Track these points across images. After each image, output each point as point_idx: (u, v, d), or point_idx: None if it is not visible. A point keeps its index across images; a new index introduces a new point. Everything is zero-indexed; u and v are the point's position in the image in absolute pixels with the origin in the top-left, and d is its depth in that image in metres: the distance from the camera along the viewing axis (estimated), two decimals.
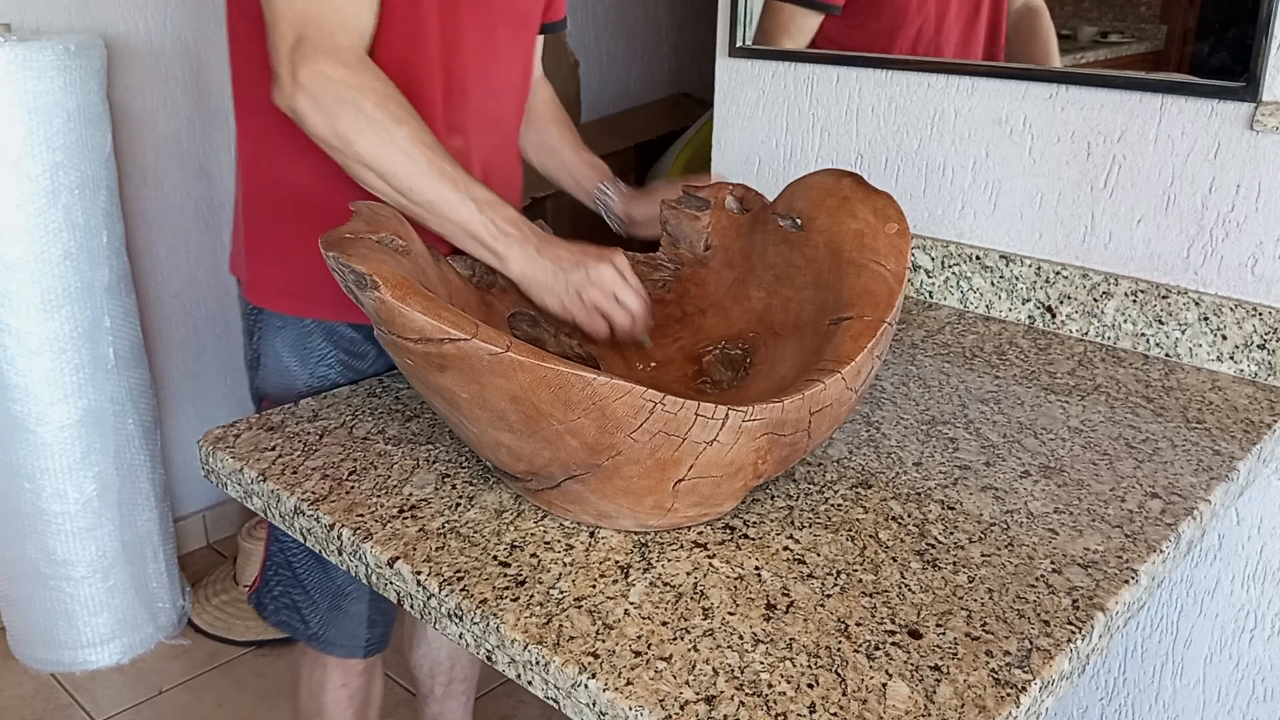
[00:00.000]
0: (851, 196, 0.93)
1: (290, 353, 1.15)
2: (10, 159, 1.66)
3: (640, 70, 3.10)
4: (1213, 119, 1.10)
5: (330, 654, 1.26)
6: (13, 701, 1.90)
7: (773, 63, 1.44)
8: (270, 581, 1.23)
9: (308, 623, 1.22)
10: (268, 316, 1.15)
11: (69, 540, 1.87)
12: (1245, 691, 1.19)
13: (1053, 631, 0.70)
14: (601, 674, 0.65)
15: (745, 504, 0.85)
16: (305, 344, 1.14)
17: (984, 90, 1.26)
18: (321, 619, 1.22)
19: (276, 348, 1.15)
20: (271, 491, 0.89)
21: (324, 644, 1.24)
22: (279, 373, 1.15)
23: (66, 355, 1.78)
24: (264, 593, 1.24)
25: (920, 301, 1.36)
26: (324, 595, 1.21)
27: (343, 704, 1.30)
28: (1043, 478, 0.90)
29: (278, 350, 1.15)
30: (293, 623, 1.23)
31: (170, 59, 2.10)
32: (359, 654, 1.26)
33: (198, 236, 2.23)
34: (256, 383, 1.19)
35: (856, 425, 1.00)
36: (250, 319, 1.17)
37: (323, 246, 0.77)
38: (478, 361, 0.71)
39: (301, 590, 1.21)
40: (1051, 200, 1.24)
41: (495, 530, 0.81)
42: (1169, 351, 1.17)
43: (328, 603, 1.21)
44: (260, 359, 1.16)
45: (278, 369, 1.15)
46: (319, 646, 1.25)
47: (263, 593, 1.24)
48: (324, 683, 1.29)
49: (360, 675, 1.30)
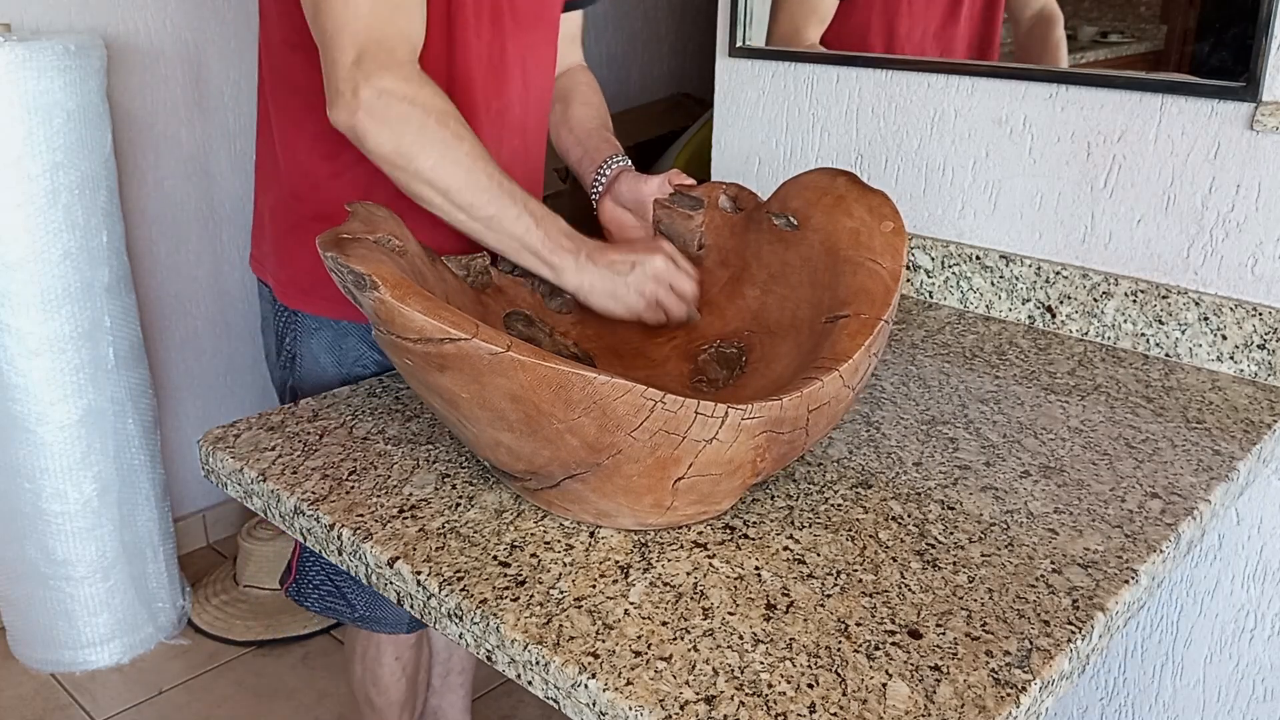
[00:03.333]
0: (847, 195, 0.93)
1: (326, 353, 1.16)
2: (10, 159, 1.66)
3: (640, 70, 3.10)
4: (1213, 119, 1.10)
5: (380, 631, 1.30)
6: (13, 701, 1.90)
7: (773, 63, 1.44)
8: (308, 571, 1.26)
9: (353, 606, 1.25)
10: (303, 318, 1.16)
11: (69, 540, 1.87)
12: (1245, 691, 1.19)
13: (1053, 631, 0.70)
14: (601, 674, 0.65)
15: (745, 504, 0.85)
16: (341, 344, 1.16)
17: (984, 90, 1.26)
18: (367, 600, 1.25)
19: (313, 348, 1.16)
20: (271, 491, 0.89)
21: (372, 623, 1.28)
22: (315, 373, 1.17)
23: (66, 355, 1.78)
24: (303, 583, 1.27)
25: (920, 301, 1.36)
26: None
27: (397, 675, 1.37)
28: (1043, 478, 0.90)
29: (314, 351, 1.16)
30: (338, 608, 1.26)
31: (170, 59, 2.10)
32: (403, 629, 1.30)
33: (198, 236, 2.23)
34: (291, 382, 1.20)
35: (856, 425, 1.00)
36: (282, 319, 1.18)
37: (320, 247, 0.77)
38: (478, 361, 0.71)
39: (345, 575, 1.23)
40: (1051, 200, 1.24)
41: (495, 530, 0.81)
42: (1169, 351, 1.17)
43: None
44: (296, 359, 1.18)
45: (314, 369, 1.17)
46: (367, 626, 1.29)
47: (302, 583, 1.27)
48: (379, 657, 1.35)
49: (411, 647, 1.37)
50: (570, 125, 1.24)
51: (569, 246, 0.99)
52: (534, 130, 1.19)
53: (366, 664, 1.38)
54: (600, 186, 1.16)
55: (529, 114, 1.17)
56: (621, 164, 1.16)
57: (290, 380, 1.20)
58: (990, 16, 1.26)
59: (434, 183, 0.95)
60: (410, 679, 1.41)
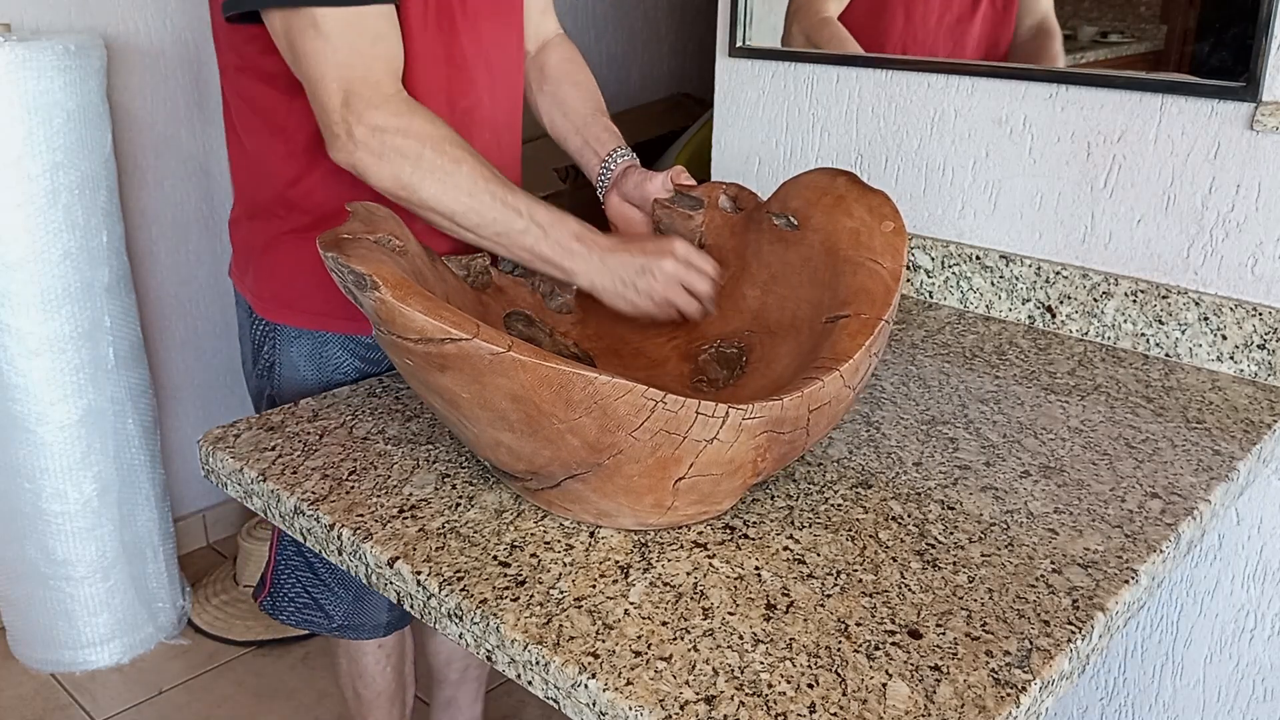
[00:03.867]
0: (847, 195, 0.93)
1: (306, 363, 1.16)
2: (10, 159, 1.66)
3: (640, 70, 3.10)
4: (1213, 119, 1.10)
5: (357, 639, 1.32)
6: (13, 701, 1.90)
7: (773, 63, 1.44)
8: (283, 584, 1.25)
9: (331, 616, 1.26)
10: (281, 329, 1.16)
11: (69, 540, 1.87)
12: (1245, 691, 1.19)
13: (1053, 631, 0.70)
14: (601, 674, 0.65)
15: (745, 504, 0.85)
16: (321, 354, 1.16)
17: (984, 90, 1.26)
18: (345, 610, 1.26)
19: (292, 358, 1.16)
20: (271, 491, 0.89)
21: (348, 632, 1.29)
22: (295, 382, 1.17)
23: (66, 355, 1.78)
24: (278, 595, 1.26)
25: (920, 301, 1.36)
26: (346, 587, 1.24)
27: (382, 664, 1.39)
28: (1043, 478, 0.90)
29: (294, 360, 1.16)
30: (315, 619, 1.27)
31: (170, 59, 2.10)
32: (380, 634, 1.31)
33: (198, 236, 2.23)
34: (270, 391, 1.19)
35: (856, 425, 1.00)
36: (259, 329, 1.18)
37: (321, 247, 0.77)
38: (479, 361, 0.71)
39: (322, 586, 1.24)
40: (1051, 200, 1.24)
41: (495, 530, 0.81)
42: (1169, 351, 1.17)
43: (351, 594, 1.25)
44: (274, 369, 1.18)
45: (293, 379, 1.17)
46: (343, 635, 1.30)
47: (277, 596, 1.26)
48: (362, 647, 1.37)
49: (395, 638, 1.38)
50: (565, 110, 1.23)
51: (580, 250, 1.00)
52: (505, 123, 1.17)
53: (351, 655, 1.38)
54: (606, 182, 1.16)
55: (498, 107, 1.15)
56: (627, 159, 1.16)
57: (268, 389, 1.19)
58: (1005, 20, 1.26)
59: (438, 209, 0.97)
60: (396, 669, 1.41)
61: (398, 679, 1.43)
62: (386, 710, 1.44)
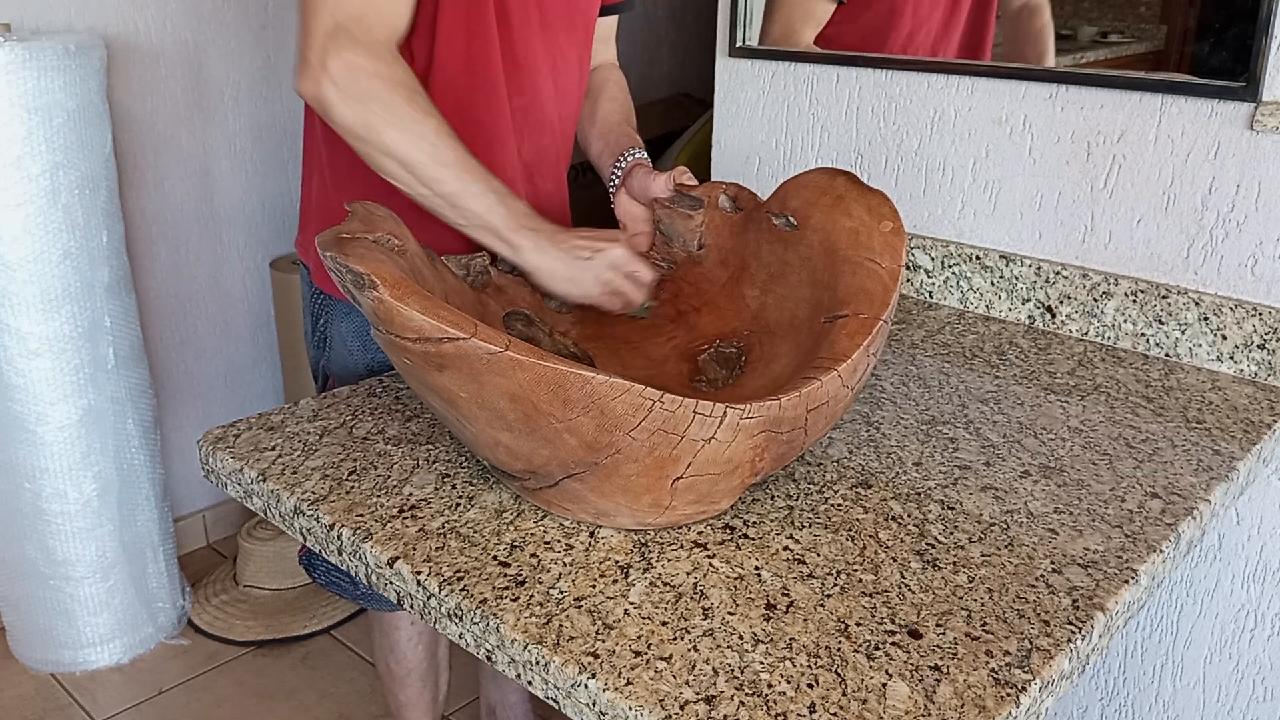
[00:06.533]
0: (846, 195, 0.93)
1: (354, 338, 1.19)
2: (10, 159, 1.66)
3: (640, 70, 3.10)
4: (1213, 119, 1.10)
5: (380, 610, 1.35)
6: (13, 701, 1.90)
7: (772, 63, 1.44)
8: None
9: (355, 584, 1.28)
10: (334, 302, 1.19)
11: (69, 540, 1.87)
12: (1245, 691, 1.19)
13: (1053, 631, 0.70)
14: (601, 674, 0.65)
15: (745, 504, 0.85)
16: (368, 330, 1.19)
17: (984, 90, 1.26)
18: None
19: (342, 332, 1.20)
20: (271, 491, 0.89)
21: (371, 601, 1.32)
22: (343, 355, 1.20)
23: (66, 355, 1.78)
24: (316, 555, 1.29)
25: (920, 301, 1.36)
26: None
27: (414, 641, 1.41)
28: (1043, 478, 0.90)
29: (343, 335, 1.20)
30: (341, 584, 1.29)
31: (170, 59, 2.10)
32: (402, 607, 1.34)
33: (198, 236, 2.23)
34: (323, 363, 1.24)
35: (856, 425, 1.00)
36: (317, 300, 1.22)
37: (319, 247, 0.77)
38: (476, 361, 0.71)
39: None
40: (1051, 200, 1.24)
41: (495, 530, 0.81)
42: (1169, 351, 1.17)
43: None
44: (327, 341, 1.22)
45: (342, 352, 1.20)
46: (366, 604, 1.33)
47: (315, 555, 1.29)
48: (395, 621, 1.39)
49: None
50: (595, 120, 1.26)
51: (530, 226, 1.00)
52: (561, 129, 1.20)
53: (384, 629, 1.41)
54: (616, 180, 1.17)
55: (558, 112, 1.18)
56: (637, 156, 1.17)
57: (322, 360, 1.24)
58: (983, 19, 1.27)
59: (398, 157, 0.96)
60: (429, 648, 1.43)
61: (430, 658, 1.44)
62: (418, 690, 1.45)
